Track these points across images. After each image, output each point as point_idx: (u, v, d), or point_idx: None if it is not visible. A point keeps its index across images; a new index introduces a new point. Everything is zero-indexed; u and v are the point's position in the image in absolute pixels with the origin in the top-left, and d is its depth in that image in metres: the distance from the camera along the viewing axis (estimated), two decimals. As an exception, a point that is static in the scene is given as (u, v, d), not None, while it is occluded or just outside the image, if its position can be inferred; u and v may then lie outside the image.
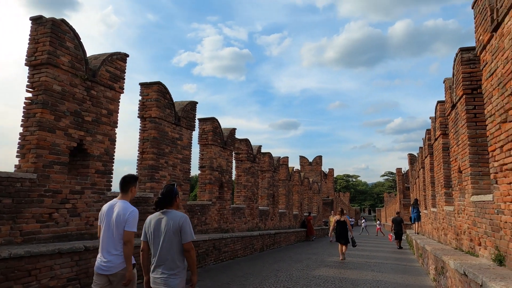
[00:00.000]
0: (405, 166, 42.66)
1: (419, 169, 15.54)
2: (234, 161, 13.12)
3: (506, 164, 4.18)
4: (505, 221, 4.28)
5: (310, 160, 36.11)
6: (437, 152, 9.74)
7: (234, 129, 12.26)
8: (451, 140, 7.50)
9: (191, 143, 9.49)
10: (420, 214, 15.66)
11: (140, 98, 8.24)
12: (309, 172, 34.42)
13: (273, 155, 17.32)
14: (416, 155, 18.06)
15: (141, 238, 3.34)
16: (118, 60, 6.82)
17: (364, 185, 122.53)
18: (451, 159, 7.54)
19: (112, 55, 6.68)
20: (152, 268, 3.21)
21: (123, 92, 6.90)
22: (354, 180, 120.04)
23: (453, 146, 7.20)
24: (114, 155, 6.62)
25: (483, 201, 5.18)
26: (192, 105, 9.55)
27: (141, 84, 8.28)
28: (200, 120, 10.99)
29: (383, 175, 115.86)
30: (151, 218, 3.29)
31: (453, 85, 6.89)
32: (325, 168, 42.95)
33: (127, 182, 3.73)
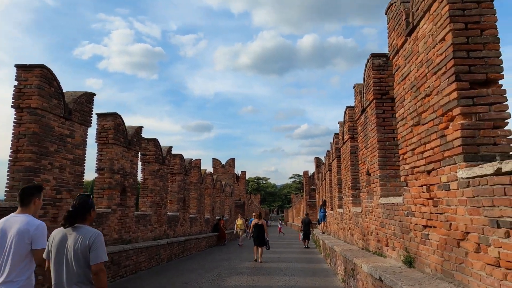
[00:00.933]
0: (311, 169, 45.55)
1: (326, 172, 16.36)
2: (140, 163, 11.85)
3: (417, 166, 4.22)
4: (415, 223, 4.33)
5: (223, 162, 35.80)
6: (345, 156, 10.16)
7: (140, 127, 11.03)
8: (359, 144, 7.75)
9: (86, 141, 8.08)
10: (326, 214, 16.47)
11: (16, 83, 6.62)
12: (222, 174, 34.02)
13: (186, 157, 16.37)
14: (323, 159, 19.06)
15: (44, 256, 2.85)
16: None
17: (274, 187, 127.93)
18: (359, 162, 7.80)
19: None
20: None
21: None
22: (264, 182, 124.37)
23: (362, 149, 7.44)
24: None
25: (393, 203, 5.28)
26: (88, 96, 8.15)
27: (18, 67, 6.65)
28: (100, 115, 9.55)
29: (290, 177, 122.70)
30: (55, 234, 2.81)
31: (363, 90, 7.09)
32: (237, 170, 43.16)
33: (29, 193, 3.15)
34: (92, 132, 8.53)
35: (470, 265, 3.02)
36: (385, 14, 5.39)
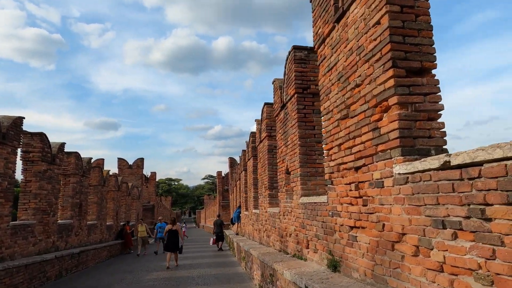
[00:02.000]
0: (225, 170, 45.35)
1: (241, 172, 16.01)
2: (21, 162, 9.75)
3: (345, 163, 3.92)
4: (341, 224, 4.03)
5: (131, 162, 32.99)
6: (261, 154, 9.83)
7: (20, 118, 8.99)
8: (278, 141, 7.43)
9: None
10: (241, 215, 16.12)
11: None
12: (129, 176, 31.27)
13: (84, 156, 14.28)
14: (238, 159, 18.70)
15: None
16: None
17: (186, 188, 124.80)
18: (278, 161, 7.47)
19: None
20: None
21: None
22: (176, 183, 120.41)
23: (281, 147, 7.11)
24: None
25: (315, 202, 4.97)
26: None
27: None
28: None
29: (204, 178, 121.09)
30: None
31: (284, 84, 6.76)
32: (147, 171, 40.41)
33: None
34: None
35: (408, 270, 2.73)
36: (310, 2, 5.07)
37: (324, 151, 4.58)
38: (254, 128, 11.02)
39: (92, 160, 19.87)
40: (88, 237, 14.56)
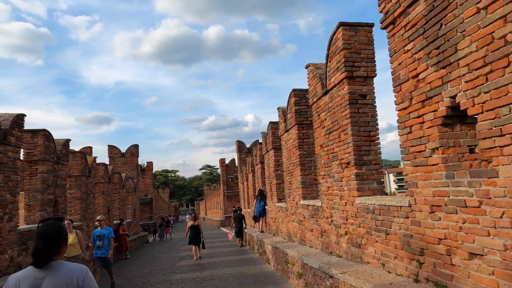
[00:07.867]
0: (228, 157, 41.92)
1: (266, 152, 12.44)
2: None
3: None
4: None
5: (124, 150, 29.16)
6: (329, 113, 6.18)
7: None
8: (417, 63, 3.83)
9: None
10: (267, 208, 12.65)
11: None
12: (122, 166, 27.57)
13: (68, 140, 10.71)
14: (261, 138, 15.04)
15: None
16: None
17: (183, 180, 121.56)
18: (411, 103, 3.88)
19: None
20: None
21: None
22: (173, 175, 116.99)
23: (430, 73, 3.53)
24: None
25: None
26: None
27: None
28: None
29: (201, 169, 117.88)
30: (19, 278, 1.93)
31: None
32: (142, 161, 36.64)
33: None
34: None
35: None
36: None
37: None
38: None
39: (78, 149, 16.29)
40: (69, 245, 10.98)
